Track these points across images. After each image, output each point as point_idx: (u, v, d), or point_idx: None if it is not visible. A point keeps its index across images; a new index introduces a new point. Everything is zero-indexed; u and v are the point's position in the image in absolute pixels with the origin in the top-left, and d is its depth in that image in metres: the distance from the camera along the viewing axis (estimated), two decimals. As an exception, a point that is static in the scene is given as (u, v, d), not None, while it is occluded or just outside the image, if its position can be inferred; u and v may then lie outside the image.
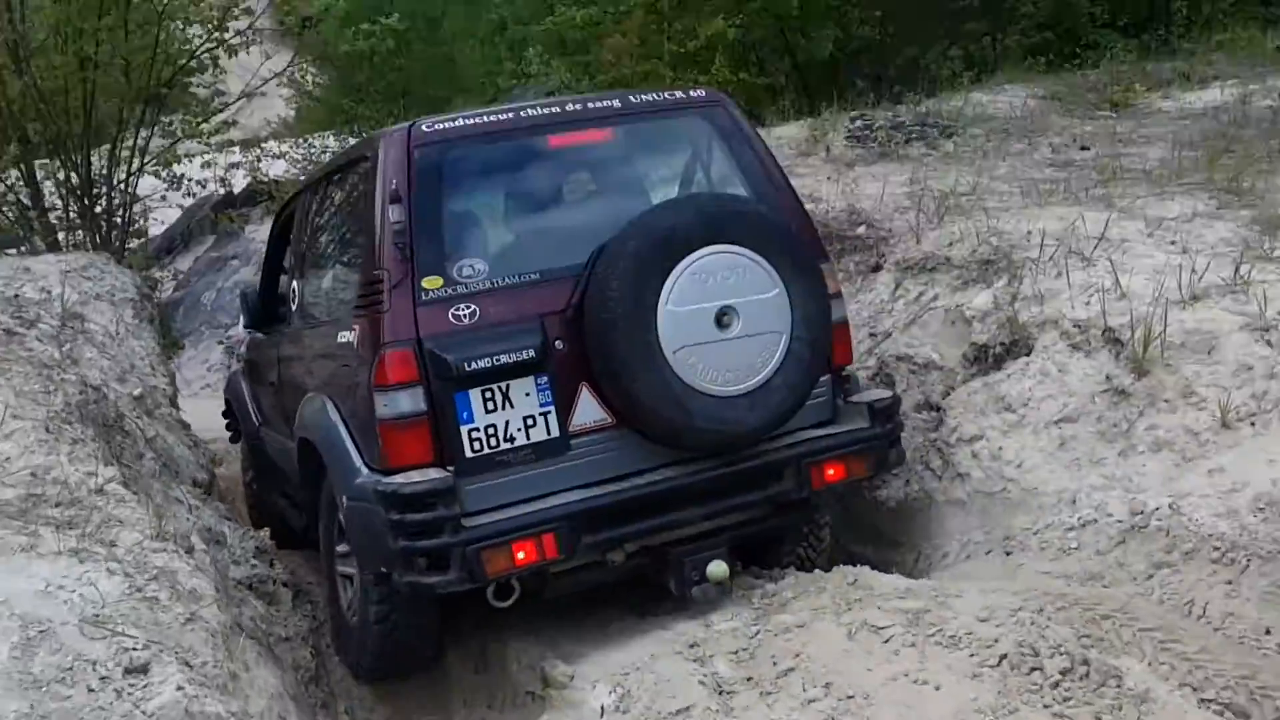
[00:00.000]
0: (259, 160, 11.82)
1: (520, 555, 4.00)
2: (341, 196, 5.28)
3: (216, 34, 9.55)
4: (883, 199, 6.60)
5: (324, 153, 23.94)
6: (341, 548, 4.78)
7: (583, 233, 4.43)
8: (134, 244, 9.67)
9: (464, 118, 4.51)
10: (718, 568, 4.37)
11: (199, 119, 9.66)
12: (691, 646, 4.02)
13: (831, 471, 4.52)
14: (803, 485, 4.48)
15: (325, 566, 5.08)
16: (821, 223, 6.55)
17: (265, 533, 5.56)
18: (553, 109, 4.65)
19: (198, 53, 9.49)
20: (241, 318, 6.70)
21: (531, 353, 4.12)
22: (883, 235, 6.32)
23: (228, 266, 25.45)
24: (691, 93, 5.03)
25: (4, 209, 8.55)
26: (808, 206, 6.81)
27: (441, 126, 4.40)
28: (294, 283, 5.81)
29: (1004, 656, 3.41)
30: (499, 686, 4.62)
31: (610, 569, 4.51)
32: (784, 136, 8.59)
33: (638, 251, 4.17)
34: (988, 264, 5.55)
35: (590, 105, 4.69)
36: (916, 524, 5.12)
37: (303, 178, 23.31)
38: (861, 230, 6.46)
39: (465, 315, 4.15)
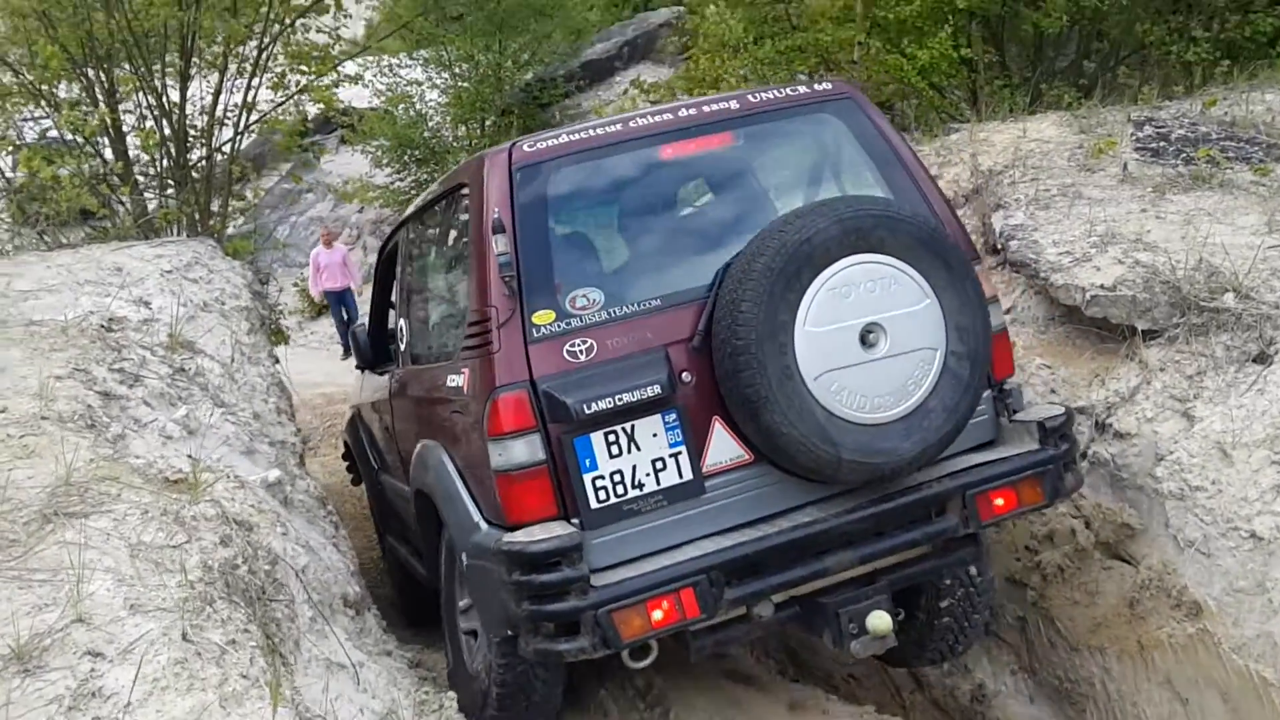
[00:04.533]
0: (336, 84, 10.06)
1: (656, 615, 3.61)
2: (443, 228, 4.97)
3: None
4: (1257, 258, 4.94)
5: (410, 84, 22.44)
6: (464, 602, 4.48)
7: (706, 251, 4.09)
8: (238, 221, 8.19)
9: (567, 133, 4.16)
10: (879, 620, 3.93)
11: (316, 71, 8.05)
12: None
13: (1001, 501, 4.01)
14: (969, 519, 3.98)
15: (446, 619, 4.71)
16: (1169, 282, 4.97)
17: (451, 702, 4.09)
18: (664, 116, 4.23)
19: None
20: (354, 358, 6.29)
21: (657, 388, 3.72)
22: (1266, 312, 4.68)
23: (302, 200, 24.01)
24: (818, 87, 4.49)
25: (88, 180, 7.05)
26: (1136, 254, 5.28)
27: (543, 145, 4.07)
28: (401, 321, 5.41)
29: None
30: None
31: (758, 624, 4.00)
32: (1047, 138, 6.91)
33: (768, 268, 3.70)
34: None
35: (705, 109, 4.26)
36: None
37: (384, 108, 21.81)
38: (1229, 300, 4.82)
39: (581, 351, 3.80)
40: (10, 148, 7.13)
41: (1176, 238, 5.28)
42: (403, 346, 5.27)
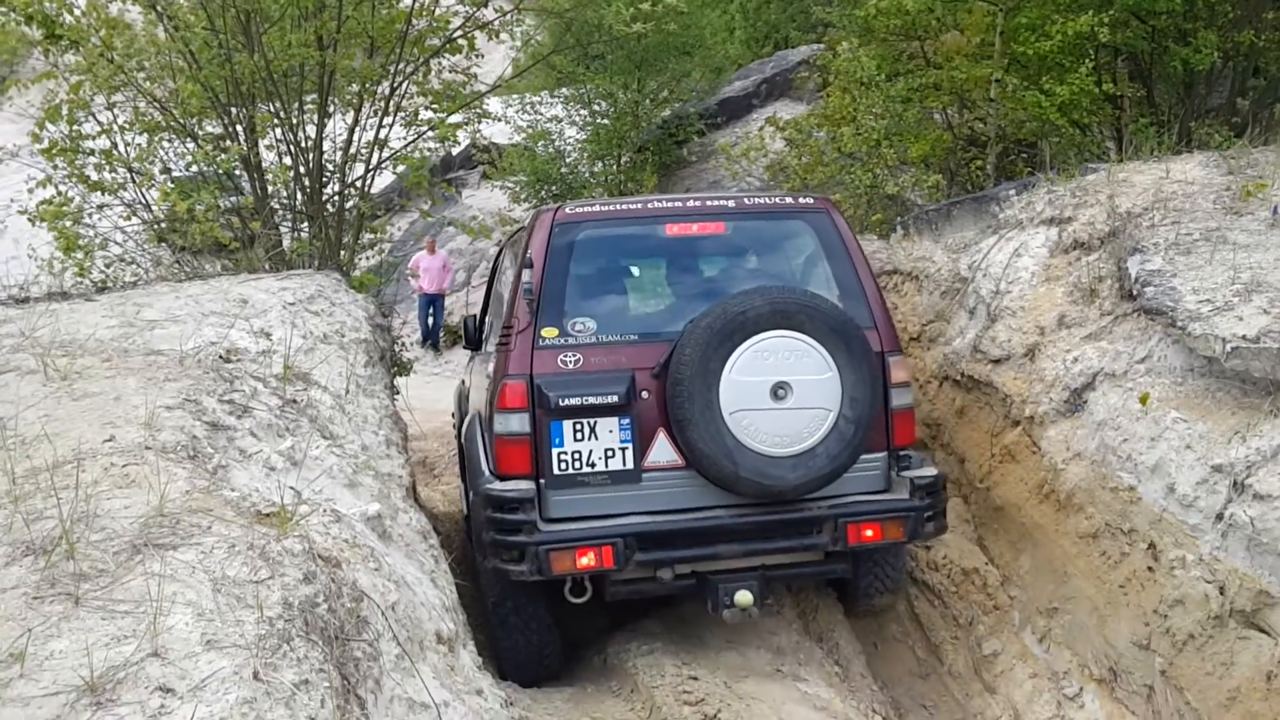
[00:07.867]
0: (478, 120, 10.23)
1: (583, 561, 5.00)
2: (510, 255, 6.53)
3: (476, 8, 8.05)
4: None
5: (550, 120, 22.75)
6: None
7: (682, 307, 5.47)
8: (367, 254, 8.35)
9: (601, 204, 5.85)
10: (744, 596, 5.20)
11: (446, 111, 8.17)
12: None
13: (869, 532, 5.29)
14: (838, 539, 5.28)
15: (473, 540, 5.96)
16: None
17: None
18: (675, 204, 5.70)
19: (453, 34, 8.01)
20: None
21: (616, 398, 5.13)
22: None
23: (444, 232, 24.54)
24: (801, 199, 5.89)
25: (222, 213, 7.29)
26: (1282, 304, 4.95)
27: (580, 210, 5.62)
28: (487, 317, 7.21)
29: None
30: None
31: (660, 584, 5.33)
32: (1191, 179, 6.56)
33: (710, 327, 5.08)
34: None
35: (708, 204, 5.72)
36: None
37: (524, 144, 22.10)
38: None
39: (571, 361, 5.24)
40: (151, 181, 7.41)
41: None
42: (484, 335, 7.03)
